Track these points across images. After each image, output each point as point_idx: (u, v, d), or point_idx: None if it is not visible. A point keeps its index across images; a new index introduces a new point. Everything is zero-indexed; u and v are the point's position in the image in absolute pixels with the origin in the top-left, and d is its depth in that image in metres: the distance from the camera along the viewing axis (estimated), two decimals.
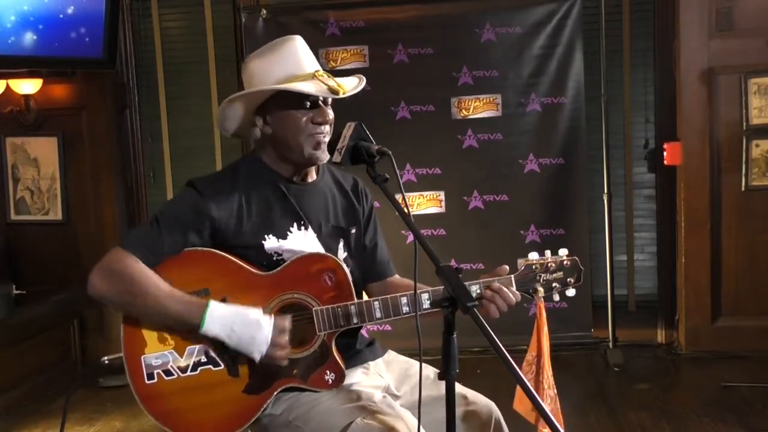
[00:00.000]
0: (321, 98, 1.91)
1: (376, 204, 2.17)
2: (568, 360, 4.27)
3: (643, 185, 4.93)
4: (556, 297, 2.01)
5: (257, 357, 1.79)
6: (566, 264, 1.99)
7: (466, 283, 1.67)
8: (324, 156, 1.92)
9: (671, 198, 4.41)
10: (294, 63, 1.93)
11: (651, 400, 3.65)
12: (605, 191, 4.29)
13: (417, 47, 4.47)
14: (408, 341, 2.11)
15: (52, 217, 4.74)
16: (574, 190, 4.48)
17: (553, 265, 1.98)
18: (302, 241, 1.95)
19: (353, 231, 2.07)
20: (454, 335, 1.52)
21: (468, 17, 4.45)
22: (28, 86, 4.52)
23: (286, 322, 1.83)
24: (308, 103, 1.90)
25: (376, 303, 1.87)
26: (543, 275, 1.97)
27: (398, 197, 1.68)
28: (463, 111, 4.48)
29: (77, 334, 4.58)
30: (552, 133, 4.45)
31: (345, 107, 2.16)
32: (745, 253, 4.23)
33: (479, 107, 4.48)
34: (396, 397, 1.98)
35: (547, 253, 1.99)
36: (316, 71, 1.92)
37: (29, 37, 4.18)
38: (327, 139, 1.92)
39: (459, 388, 1.86)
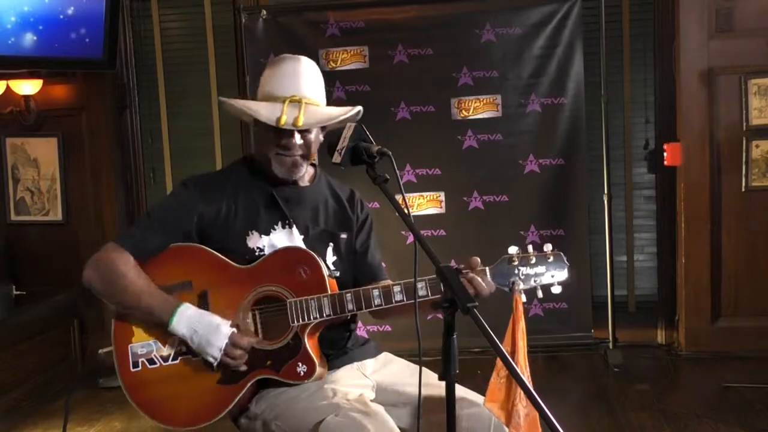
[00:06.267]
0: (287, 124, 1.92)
1: (376, 204, 2.18)
2: (568, 360, 4.26)
3: (643, 186, 4.93)
4: (540, 294, 1.93)
5: (212, 361, 1.87)
6: (549, 259, 1.92)
7: None
8: (292, 176, 1.98)
9: (671, 198, 4.41)
10: (282, 83, 1.95)
11: (651, 400, 3.65)
12: (605, 192, 4.29)
13: (417, 47, 4.47)
14: (407, 342, 2.11)
15: (52, 218, 4.74)
16: (574, 190, 4.47)
17: (534, 259, 1.92)
18: (285, 239, 2.00)
19: (344, 236, 2.09)
20: (454, 336, 1.52)
21: (468, 17, 4.45)
22: (28, 87, 4.51)
23: (245, 340, 1.88)
24: (275, 126, 1.92)
25: (348, 295, 1.90)
26: (522, 269, 1.92)
27: (398, 198, 1.68)
28: (463, 111, 4.48)
29: (77, 334, 4.58)
30: (552, 134, 4.45)
31: None
32: (745, 254, 4.23)
33: (479, 108, 4.47)
34: (393, 399, 1.97)
35: (530, 248, 1.95)
36: (293, 96, 1.92)
37: (29, 38, 4.18)
38: (303, 161, 1.97)
39: (459, 390, 1.85)
